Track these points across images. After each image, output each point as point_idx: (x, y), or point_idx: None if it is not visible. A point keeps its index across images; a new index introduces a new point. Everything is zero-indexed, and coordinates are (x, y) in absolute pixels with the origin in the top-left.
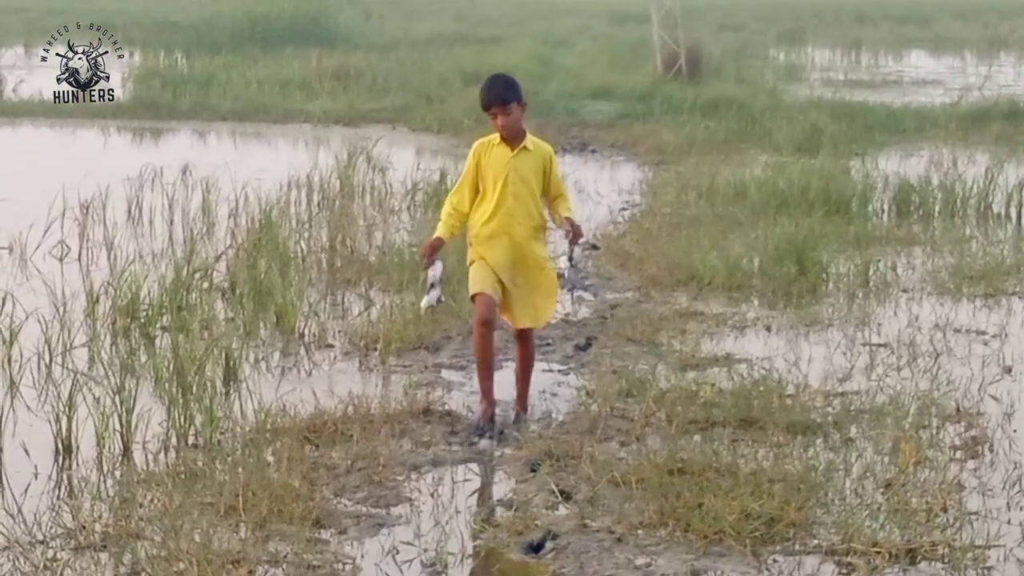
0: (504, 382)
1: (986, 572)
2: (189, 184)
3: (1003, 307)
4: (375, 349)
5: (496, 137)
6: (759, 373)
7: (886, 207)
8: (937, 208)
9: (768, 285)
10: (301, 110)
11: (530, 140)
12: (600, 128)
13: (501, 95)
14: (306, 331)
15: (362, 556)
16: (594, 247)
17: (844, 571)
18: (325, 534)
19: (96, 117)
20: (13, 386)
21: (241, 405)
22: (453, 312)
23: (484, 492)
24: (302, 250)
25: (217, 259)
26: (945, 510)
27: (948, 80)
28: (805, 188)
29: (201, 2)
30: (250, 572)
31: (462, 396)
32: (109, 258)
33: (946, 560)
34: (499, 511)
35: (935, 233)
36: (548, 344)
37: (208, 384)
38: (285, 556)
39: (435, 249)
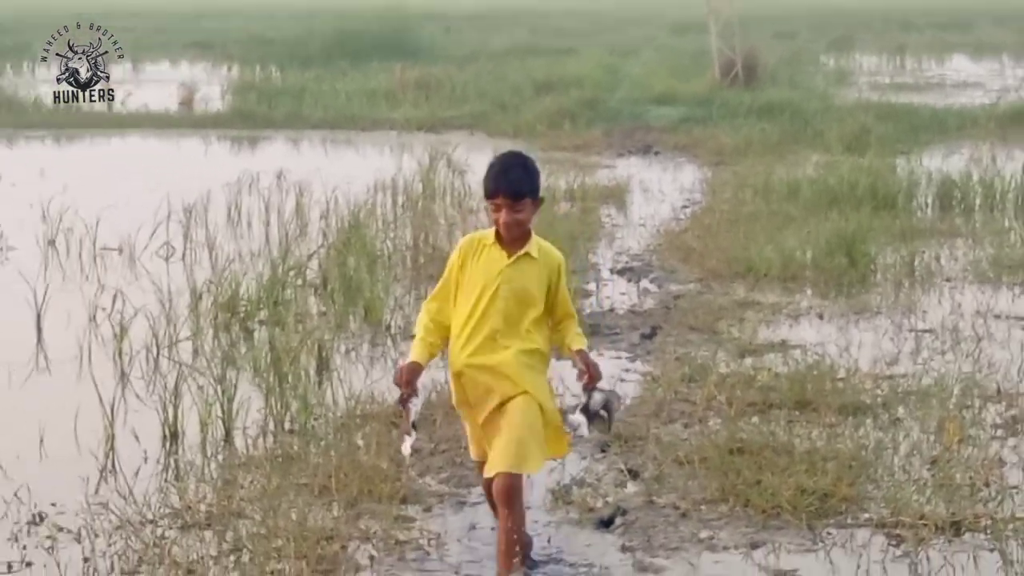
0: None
1: None
2: (284, 188)
3: None
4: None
5: (490, 235)
6: (812, 358)
7: (930, 202)
8: (978, 202)
9: (820, 276)
10: (386, 118)
11: (536, 245)
12: (663, 132)
13: (514, 185)
14: (392, 323)
15: (446, 532)
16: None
17: (893, 543)
18: (411, 511)
19: (197, 127)
20: (124, 377)
21: (333, 393)
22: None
23: (558, 471)
24: (388, 248)
25: (310, 258)
26: (987, 485)
27: (988, 82)
28: (854, 185)
29: (295, 20)
30: (343, 547)
31: None
32: (211, 258)
33: (988, 531)
34: (572, 489)
35: (976, 226)
36: (616, 333)
37: (302, 374)
38: (375, 532)
39: (414, 375)
